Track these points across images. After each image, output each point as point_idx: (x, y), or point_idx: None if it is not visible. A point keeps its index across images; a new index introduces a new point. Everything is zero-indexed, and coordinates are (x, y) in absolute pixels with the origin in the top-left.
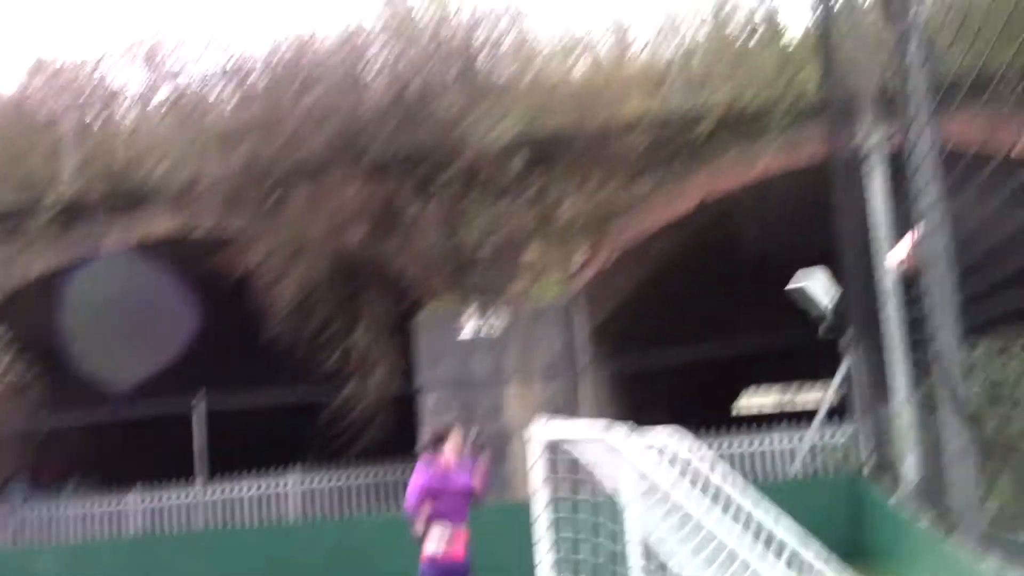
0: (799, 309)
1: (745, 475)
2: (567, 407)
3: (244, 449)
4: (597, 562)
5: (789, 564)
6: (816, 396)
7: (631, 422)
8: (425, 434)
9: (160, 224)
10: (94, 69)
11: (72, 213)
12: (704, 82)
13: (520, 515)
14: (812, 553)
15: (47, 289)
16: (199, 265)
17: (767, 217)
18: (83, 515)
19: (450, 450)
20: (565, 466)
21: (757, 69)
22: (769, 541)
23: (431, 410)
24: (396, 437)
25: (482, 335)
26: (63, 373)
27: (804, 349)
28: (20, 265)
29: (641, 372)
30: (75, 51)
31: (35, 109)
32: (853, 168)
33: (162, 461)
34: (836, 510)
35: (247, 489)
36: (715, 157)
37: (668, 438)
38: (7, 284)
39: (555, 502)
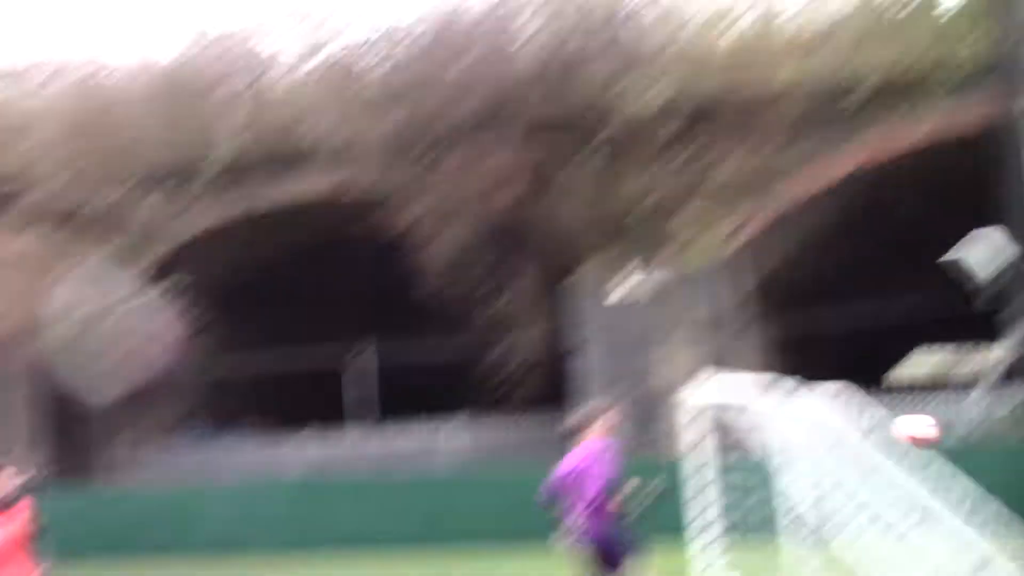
0: (959, 277)
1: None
2: (721, 369)
3: (403, 401)
4: (750, 520)
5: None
6: (980, 363)
7: (792, 381)
8: (576, 415)
9: (317, 184)
10: (251, 37)
11: (234, 173)
12: (858, 50)
13: (673, 474)
14: (981, 519)
15: (215, 243)
16: (357, 223)
17: (925, 184)
18: (252, 458)
19: (599, 431)
20: (719, 426)
21: (913, 37)
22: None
23: (584, 370)
24: (548, 395)
25: (636, 296)
26: (233, 323)
27: (965, 315)
28: (188, 220)
29: (797, 335)
30: (233, 20)
31: (197, 75)
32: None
33: (325, 410)
34: (1004, 477)
35: (407, 439)
36: (872, 124)
37: (831, 397)
38: (177, 236)
39: (708, 462)
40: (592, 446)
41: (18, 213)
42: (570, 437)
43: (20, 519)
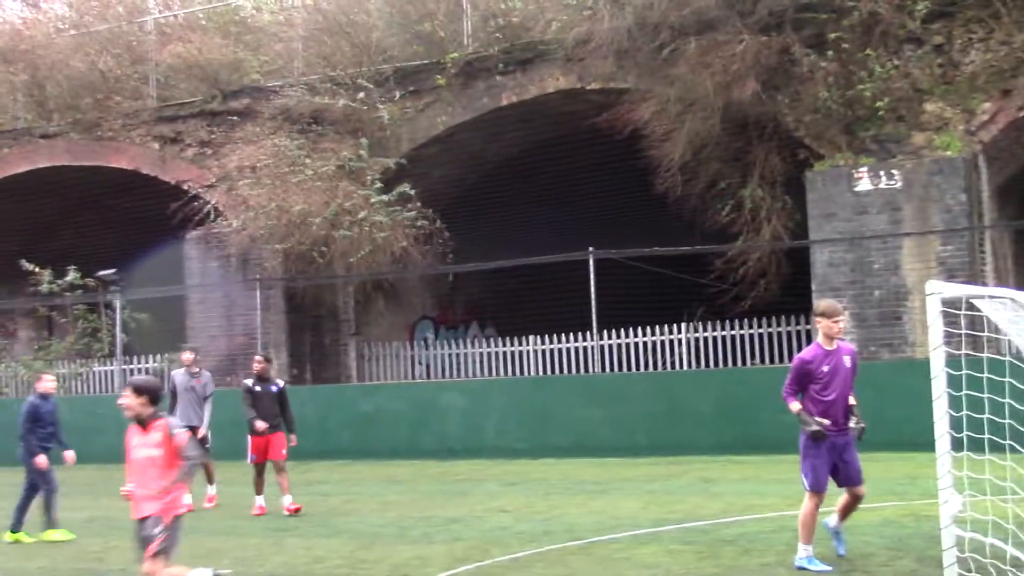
0: None
1: None
2: (968, 265)
3: (636, 300)
4: (999, 422)
5: None
6: None
7: None
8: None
9: (554, 81)
10: None
11: (472, 71)
12: None
13: (918, 373)
14: None
15: (449, 145)
16: (591, 121)
17: None
18: (485, 356)
19: (825, 330)
20: (966, 324)
21: None
22: None
23: (824, 266)
24: (786, 292)
25: (878, 190)
26: (464, 224)
27: None
28: (425, 121)
29: None
30: None
31: None
32: None
33: (556, 310)
34: None
35: (640, 337)
36: None
37: None
38: (414, 139)
39: (955, 360)
40: (819, 346)
41: (268, 115)
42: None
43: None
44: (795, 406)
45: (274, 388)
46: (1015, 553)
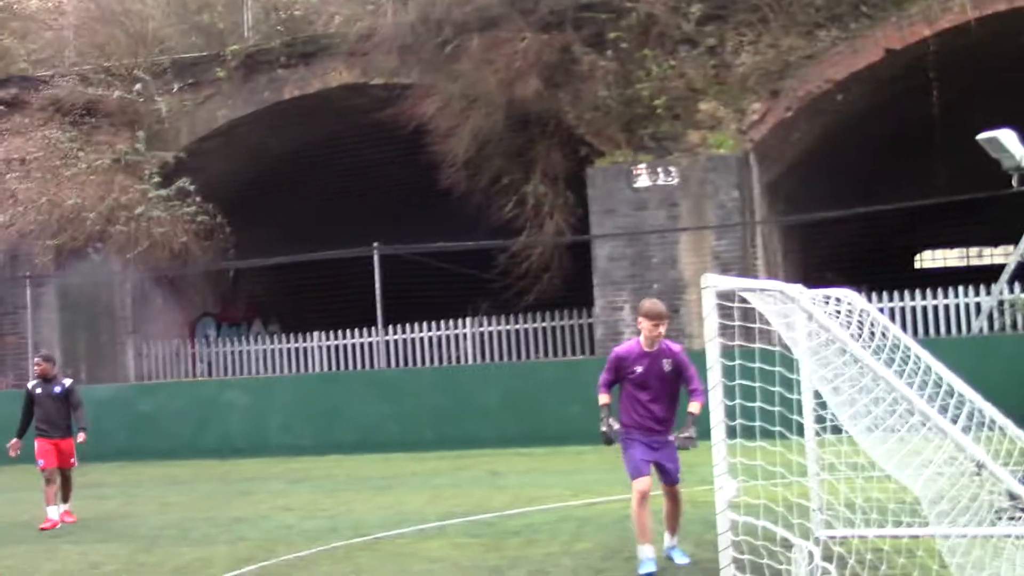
0: (988, 162)
1: (927, 331)
2: (741, 259)
3: (422, 295)
4: (771, 410)
5: (969, 420)
6: (1005, 252)
7: (806, 278)
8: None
9: (337, 75)
10: None
11: (253, 64)
12: None
13: (695, 363)
14: (992, 412)
15: (231, 138)
16: (375, 115)
17: (957, 69)
18: (269, 352)
19: (644, 331)
20: (739, 316)
21: None
22: (946, 397)
23: (605, 260)
24: (569, 286)
25: (656, 186)
26: (247, 220)
27: (992, 204)
28: (205, 114)
29: (816, 227)
30: None
31: None
32: None
33: (341, 305)
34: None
35: (425, 331)
36: (902, 6)
37: (843, 293)
38: (193, 132)
39: (728, 351)
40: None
41: (37, 106)
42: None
43: None
44: (602, 399)
45: (57, 389)
46: (784, 534)
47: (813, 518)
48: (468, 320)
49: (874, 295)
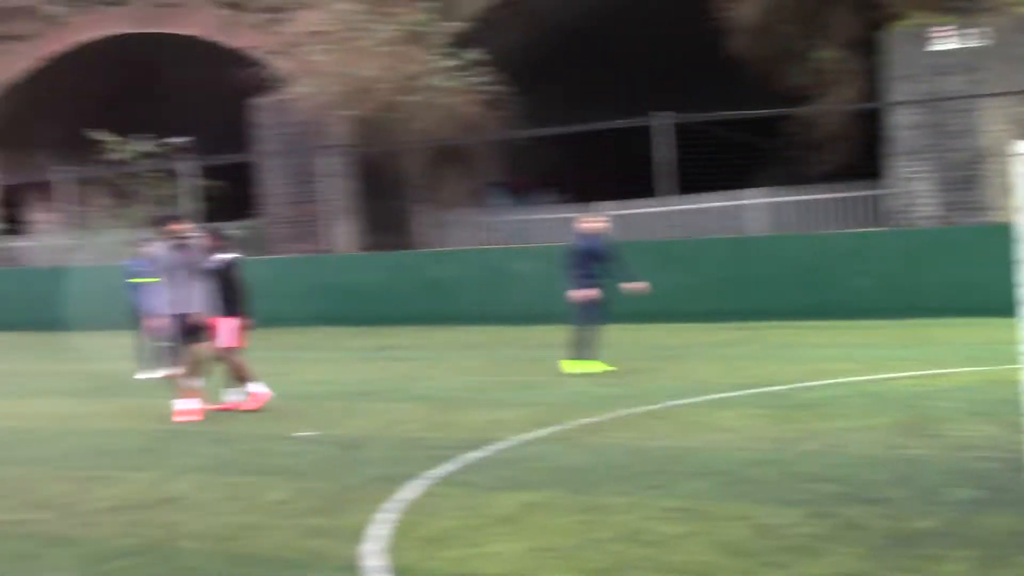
0: None
1: None
2: None
3: (709, 164)
4: None
5: None
6: None
7: None
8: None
9: None
10: None
11: None
12: None
13: (998, 237)
14: None
15: (519, 8)
16: None
17: None
18: (554, 221)
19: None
20: None
21: None
22: None
23: (899, 129)
24: (860, 155)
25: (958, 50)
26: (533, 89)
27: None
28: None
29: None
30: None
31: None
32: None
33: (627, 174)
34: None
35: (713, 201)
36: None
37: None
38: (480, 4)
39: None
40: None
41: None
42: None
43: None
44: None
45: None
46: None
47: None
48: (756, 191)
49: None
